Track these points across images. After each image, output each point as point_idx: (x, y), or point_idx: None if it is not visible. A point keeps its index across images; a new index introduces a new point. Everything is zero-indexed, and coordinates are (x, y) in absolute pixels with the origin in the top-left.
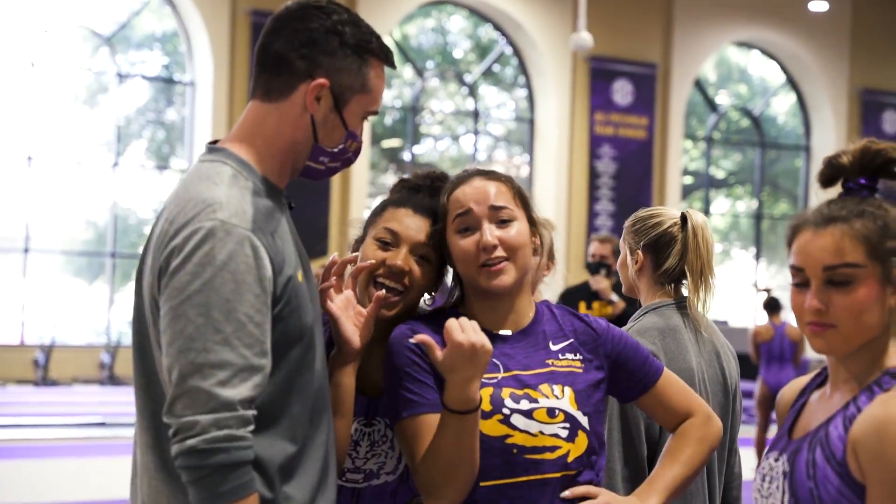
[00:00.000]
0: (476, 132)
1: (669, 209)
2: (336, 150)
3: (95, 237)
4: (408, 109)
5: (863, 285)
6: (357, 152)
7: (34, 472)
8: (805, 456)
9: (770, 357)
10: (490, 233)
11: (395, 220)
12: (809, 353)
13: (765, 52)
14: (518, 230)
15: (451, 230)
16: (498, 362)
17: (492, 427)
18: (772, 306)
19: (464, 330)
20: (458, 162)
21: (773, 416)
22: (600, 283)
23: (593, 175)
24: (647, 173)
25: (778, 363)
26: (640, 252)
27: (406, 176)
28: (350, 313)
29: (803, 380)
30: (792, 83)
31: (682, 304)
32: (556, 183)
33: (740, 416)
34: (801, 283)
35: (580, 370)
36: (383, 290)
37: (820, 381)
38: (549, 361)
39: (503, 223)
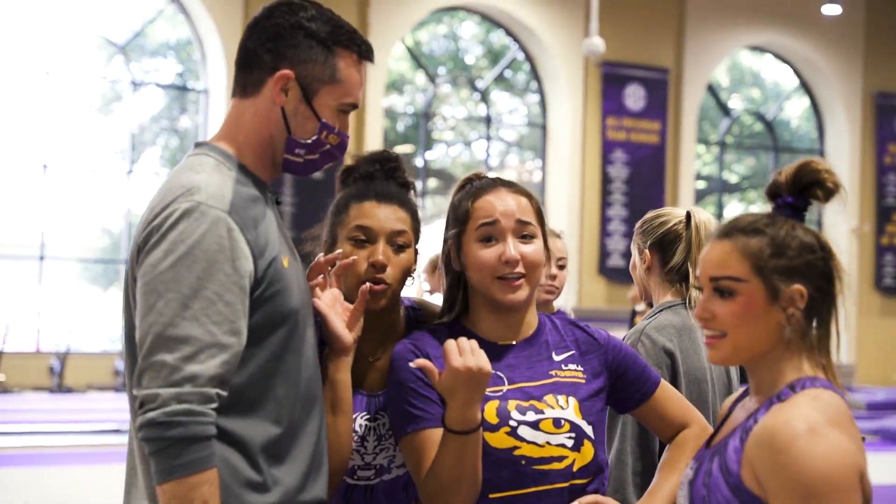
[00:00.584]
0: (488, 138)
1: (676, 209)
2: (310, 141)
3: (110, 244)
4: (420, 115)
5: (744, 297)
6: (340, 147)
7: (49, 478)
8: (705, 465)
9: None
10: (514, 247)
11: (363, 215)
12: None
13: (778, 56)
14: (538, 248)
15: (472, 237)
16: (502, 375)
17: (499, 440)
18: None
19: (462, 352)
20: (471, 168)
21: None
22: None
23: (606, 180)
24: (659, 178)
25: None
26: (647, 251)
27: (350, 163)
28: (338, 310)
29: (740, 392)
30: (805, 87)
31: (689, 304)
32: (569, 188)
33: None
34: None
35: (583, 380)
36: (367, 284)
37: (743, 394)
38: (553, 372)
39: (526, 238)
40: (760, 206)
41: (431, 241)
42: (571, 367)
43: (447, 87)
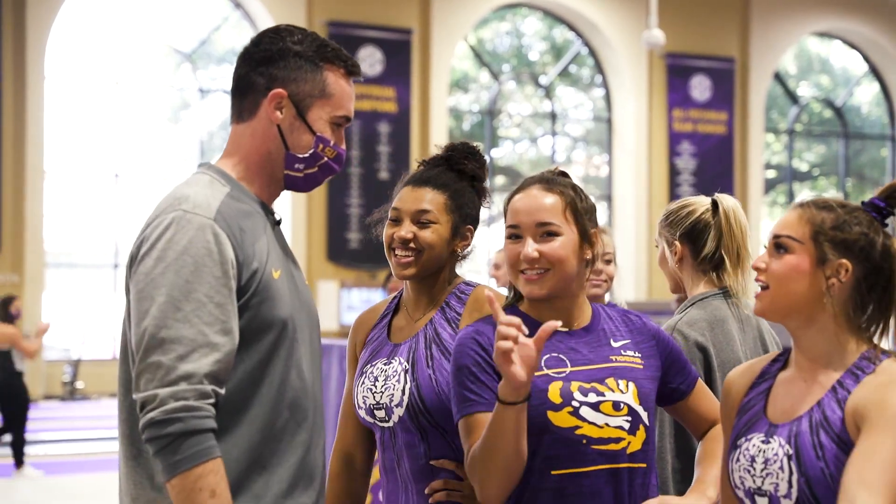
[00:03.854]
0: (554, 133)
1: (701, 198)
2: (308, 155)
3: None
4: (485, 113)
5: (794, 256)
6: (338, 160)
7: None
8: (809, 439)
9: None
10: (531, 247)
11: (398, 199)
12: None
13: (846, 41)
14: (561, 243)
15: (505, 234)
16: (564, 357)
17: (562, 419)
18: None
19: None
20: (538, 164)
21: None
22: None
23: (673, 172)
24: (728, 169)
25: None
26: (677, 243)
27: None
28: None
29: (758, 364)
30: (875, 72)
31: (726, 293)
32: (636, 182)
33: None
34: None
35: (641, 366)
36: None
37: (781, 365)
38: (613, 357)
39: (547, 236)
40: (832, 195)
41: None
42: (629, 353)
43: (511, 84)
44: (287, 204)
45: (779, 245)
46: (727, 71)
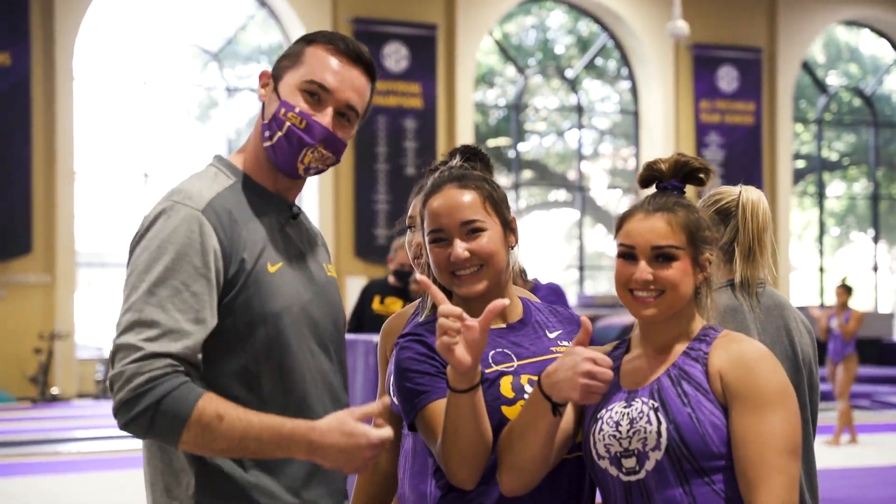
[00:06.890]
0: (581, 126)
1: (729, 187)
2: (269, 120)
3: None
4: (511, 107)
5: (680, 262)
6: (309, 130)
7: None
8: (673, 390)
9: None
10: (460, 247)
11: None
12: None
13: (874, 29)
14: (489, 238)
15: (427, 239)
16: (510, 352)
17: (516, 412)
18: None
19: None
20: (565, 158)
21: None
22: None
23: None
24: (756, 159)
25: None
26: None
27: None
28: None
29: (602, 350)
30: None
31: (732, 284)
32: None
33: (817, 391)
34: (629, 257)
35: None
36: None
37: (623, 350)
38: (553, 348)
39: (473, 233)
40: (863, 184)
41: (526, 233)
42: (565, 343)
43: (538, 78)
44: (314, 201)
45: (662, 256)
46: (754, 61)
